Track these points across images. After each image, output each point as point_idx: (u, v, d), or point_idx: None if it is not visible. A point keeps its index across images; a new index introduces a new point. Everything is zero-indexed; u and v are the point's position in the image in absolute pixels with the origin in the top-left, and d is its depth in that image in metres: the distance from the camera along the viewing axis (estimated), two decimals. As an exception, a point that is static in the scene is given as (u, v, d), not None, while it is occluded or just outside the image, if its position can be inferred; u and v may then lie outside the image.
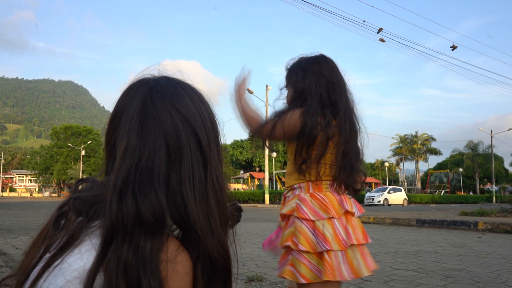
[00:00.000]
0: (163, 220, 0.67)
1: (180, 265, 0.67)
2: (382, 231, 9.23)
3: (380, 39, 17.90)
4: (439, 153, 59.20)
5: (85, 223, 0.69)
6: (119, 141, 0.74)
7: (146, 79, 0.80)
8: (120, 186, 0.68)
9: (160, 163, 0.71)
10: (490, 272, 4.44)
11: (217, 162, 0.78)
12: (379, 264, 4.88)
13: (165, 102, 0.75)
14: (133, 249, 0.64)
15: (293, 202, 1.58)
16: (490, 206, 17.31)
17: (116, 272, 0.62)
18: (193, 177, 0.73)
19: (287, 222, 1.58)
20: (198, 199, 0.72)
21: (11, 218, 13.12)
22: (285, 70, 1.73)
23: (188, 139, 0.74)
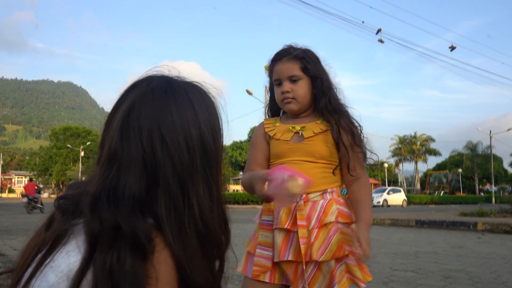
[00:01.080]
0: (138, 234, 0.65)
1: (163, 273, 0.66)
2: (381, 232, 9.22)
3: (379, 40, 17.91)
4: (438, 153, 59.21)
5: (70, 222, 0.69)
6: (106, 142, 0.74)
7: (144, 80, 0.78)
8: (96, 194, 0.69)
9: (135, 178, 0.70)
10: (490, 272, 4.43)
11: (201, 191, 0.73)
12: (379, 265, 4.88)
13: (148, 115, 0.72)
14: (117, 257, 0.64)
15: (334, 208, 1.47)
16: (490, 206, 17.31)
17: (102, 274, 0.62)
18: (169, 204, 0.70)
19: (320, 231, 1.44)
20: (174, 228, 0.70)
21: (9, 219, 13.09)
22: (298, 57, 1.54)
23: (164, 162, 0.71)
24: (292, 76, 1.53)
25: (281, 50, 1.59)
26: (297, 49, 1.57)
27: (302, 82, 1.54)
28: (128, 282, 0.62)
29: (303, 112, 1.60)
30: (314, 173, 1.48)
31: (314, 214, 1.45)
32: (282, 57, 1.56)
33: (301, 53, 1.55)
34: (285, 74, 1.54)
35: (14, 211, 19.80)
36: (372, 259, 5.33)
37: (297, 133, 1.55)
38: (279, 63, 1.56)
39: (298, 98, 1.54)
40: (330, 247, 1.42)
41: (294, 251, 1.43)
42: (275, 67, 1.57)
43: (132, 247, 0.65)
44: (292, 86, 1.54)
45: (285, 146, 1.54)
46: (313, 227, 1.43)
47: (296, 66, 1.53)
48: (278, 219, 1.47)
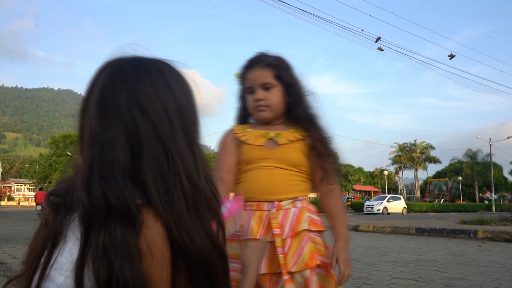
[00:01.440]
0: (129, 207, 0.67)
1: (156, 246, 0.67)
2: (381, 240, 9.20)
3: (379, 48, 17.98)
4: (438, 161, 59.22)
5: (65, 217, 0.70)
6: (85, 127, 0.75)
7: (112, 61, 0.79)
8: (87, 174, 0.70)
9: (121, 151, 0.71)
10: (490, 281, 4.42)
11: (183, 150, 0.75)
12: (379, 273, 4.87)
13: (123, 90, 0.74)
14: (108, 235, 0.65)
15: (305, 216, 1.44)
16: (490, 214, 17.28)
17: (97, 257, 0.63)
18: (154, 168, 0.72)
19: (293, 240, 1.40)
20: (161, 191, 0.71)
21: (8, 227, 13.06)
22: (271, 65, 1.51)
23: (146, 129, 0.73)
24: (265, 84, 1.50)
25: (254, 57, 1.55)
26: (270, 56, 1.54)
27: (275, 90, 1.51)
28: (120, 256, 0.63)
29: (276, 120, 1.56)
30: (285, 179, 1.46)
31: (287, 222, 1.41)
32: (255, 64, 1.52)
33: (274, 61, 1.52)
34: (258, 81, 1.51)
35: (14, 219, 19.75)
36: (373, 267, 5.32)
37: (271, 139, 1.50)
38: (251, 70, 1.53)
39: (272, 105, 1.51)
40: (303, 256, 1.38)
41: (266, 262, 1.38)
42: (248, 74, 1.54)
43: (122, 219, 0.66)
44: (265, 93, 1.50)
45: (258, 151, 1.49)
46: (286, 236, 1.39)
47: (269, 74, 1.50)
48: (248, 229, 1.40)
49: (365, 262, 5.75)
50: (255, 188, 1.46)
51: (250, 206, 1.45)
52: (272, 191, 1.45)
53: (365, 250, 7.14)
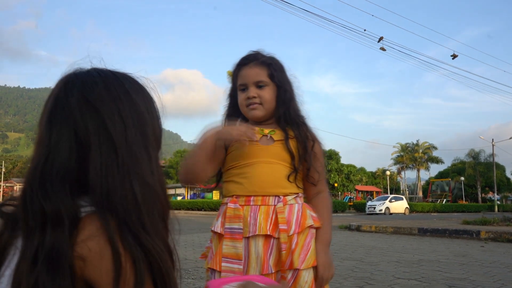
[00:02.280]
0: (61, 213, 0.64)
1: (93, 252, 0.63)
2: (384, 240, 9.19)
3: (381, 48, 17.96)
4: (441, 161, 59.12)
5: (11, 231, 0.68)
6: (37, 136, 0.74)
7: (68, 73, 0.77)
8: (27, 181, 0.68)
9: (65, 152, 0.69)
10: (494, 281, 4.41)
11: (137, 151, 0.72)
12: (382, 273, 4.86)
13: (74, 92, 0.72)
14: (41, 245, 0.62)
15: (308, 212, 1.44)
16: (492, 215, 17.23)
17: (24, 267, 0.61)
18: (101, 168, 0.68)
19: (299, 237, 1.37)
20: (106, 192, 0.67)
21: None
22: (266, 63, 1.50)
23: (96, 127, 0.70)
24: (259, 82, 1.47)
25: (248, 55, 1.52)
26: (264, 55, 1.52)
27: (268, 89, 1.48)
28: (45, 267, 0.61)
29: (267, 120, 1.53)
30: (286, 174, 1.44)
31: (293, 218, 1.38)
32: (249, 61, 1.50)
33: (269, 60, 1.50)
34: (251, 79, 1.47)
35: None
36: (375, 267, 5.31)
37: (266, 136, 1.47)
38: (245, 67, 1.50)
39: (265, 104, 1.48)
40: (311, 253, 1.37)
41: (274, 260, 1.34)
42: (241, 71, 1.50)
43: (55, 228, 0.63)
44: (258, 91, 1.47)
45: (253, 146, 1.44)
46: (294, 232, 1.36)
47: (264, 72, 1.48)
48: (256, 225, 1.35)
49: (368, 262, 5.74)
50: (260, 181, 1.41)
51: (255, 201, 1.40)
52: (277, 185, 1.42)
53: (368, 250, 7.13)
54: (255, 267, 1.34)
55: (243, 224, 1.37)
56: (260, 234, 1.35)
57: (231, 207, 1.40)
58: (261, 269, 1.33)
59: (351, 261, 5.84)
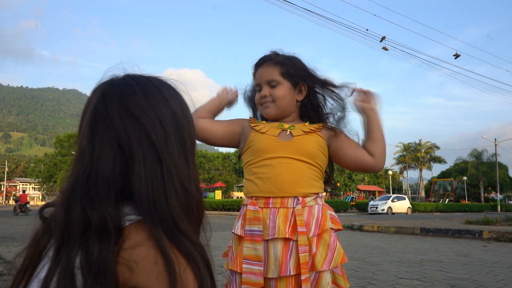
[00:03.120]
0: (107, 223, 0.65)
1: (143, 259, 0.64)
2: (386, 240, 9.18)
3: (383, 47, 17.90)
4: (443, 161, 58.93)
5: (48, 237, 0.69)
6: (76, 147, 0.75)
7: (103, 82, 0.78)
8: (68, 189, 0.69)
9: (109, 163, 0.69)
10: (496, 281, 4.40)
11: (177, 158, 0.74)
12: (384, 273, 4.86)
13: (114, 102, 0.73)
14: (84, 253, 0.63)
15: (328, 214, 1.43)
16: (495, 214, 17.22)
17: (66, 276, 0.62)
18: (146, 177, 0.70)
19: (319, 238, 1.37)
20: (153, 200, 0.69)
21: (14, 226, 13.13)
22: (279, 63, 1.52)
23: (138, 137, 0.71)
24: (271, 81, 1.50)
25: (265, 55, 1.56)
26: (280, 55, 1.54)
27: (281, 87, 1.50)
28: (93, 275, 0.61)
29: (286, 117, 1.54)
30: (307, 174, 1.43)
31: (312, 220, 1.37)
32: (264, 62, 1.54)
33: (283, 59, 1.52)
34: (264, 78, 1.52)
35: (19, 218, 19.85)
36: (377, 267, 5.30)
37: (285, 131, 1.48)
38: (260, 68, 1.54)
39: (277, 101, 1.50)
40: (338, 251, 1.37)
41: (294, 263, 1.33)
42: (257, 72, 1.56)
43: (101, 237, 0.64)
44: (270, 90, 1.50)
45: (271, 140, 1.46)
46: (313, 234, 1.35)
47: (276, 71, 1.50)
48: (275, 228, 1.35)
49: (370, 262, 5.73)
50: (278, 182, 1.40)
51: (274, 204, 1.39)
52: (296, 185, 1.40)
53: (370, 250, 7.13)
54: (273, 269, 1.33)
55: (263, 226, 1.37)
56: (279, 237, 1.34)
57: (251, 209, 1.40)
58: (279, 271, 1.32)
59: (353, 260, 5.84)
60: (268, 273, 1.33)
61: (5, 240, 8.55)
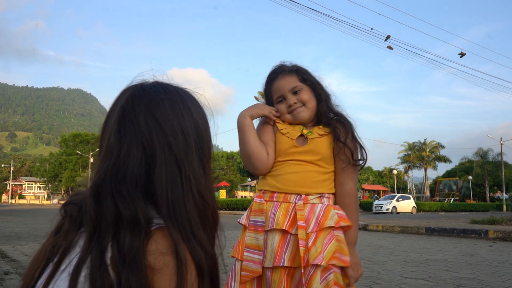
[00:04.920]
0: (138, 217, 0.69)
1: (163, 263, 0.68)
2: (391, 239, 9.15)
3: (388, 46, 17.87)
4: (448, 160, 58.73)
5: (78, 230, 0.72)
6: (102, 142, 0.79)
7: (133, 85, 0.83)
8: (98, 183, 0.72)
9: (135, 163, 0.74)
10: (502, 281, 4.37)
11: (196, 168, 0.78)
12: (389, 272, 4.84)
13: (142, 107, 0.77)
14: (116, 243, 0.66)
15: (332, 213, 1.45)
16: (501, 214, 17.14)
17: (101, 265, 0.65)
18: (167, 182, 0.74)
19: (318, 235, 1.40)
20: (172, 205, 0.73)
21: (20, 225, 13.20)
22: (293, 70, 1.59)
23: (162, 145, 0.76)
24: (294, 88, 1.56)
25: (274, 69, 1.62)
26: (287, 65, 1.61)
27: (304, 91, 1.56)
28: (127, 266, 0.64)
29: (311, 121, 1.60)
30: (314, 176, 1.49)
31: (313, 217, 1.42)
32: (278, 74, 1.59)
33: (295, 67, 1.60)
34: (286, 88, 1.56)
35: (24, 216, 19.97)
36: (382, 266, 5.29)
37: (302, 135, 1.54)
38: (276, 80, 1.59)
39: (307, 104, 1.56)
40: (328, 250, 1.39)
41: (289, 255, 1.39)
42: (274, 86, 1.59)
43: (132, 230, 0.67)
44: (296, 97, 1.55)
45: (289, 144, 1.53)
46: (312, 231, 1.40)
47: (294, 78, 1.57)
48: (274, 219, 1.42)
49: (375, 261, 5.72)
50: (284, 180, 1.48)
51: (277, 198, 1.47)
52: (300, 184, 1.47)
53: (375, 250, 7.11)
54: (269, 259, 1.40)
55: (265, 218, 1.45)
56: (277, 228, 1.41)
57: (257, 201, 1.50)
58: (273, 261, 1.39)
59: (358, 260, 5.82)
60: (264, 262, 1.41)
61: (11, 239, 8.59)
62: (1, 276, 4.38)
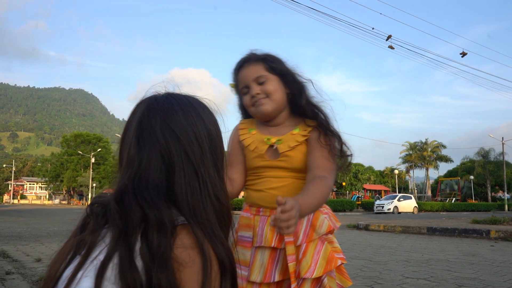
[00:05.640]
0: (163, 219, 0.73)
1: (188, 258, 0.71)
2: (392, 239, 9.15)
3: (389, 46, 17.86)
4: (450, 160, 58.62)
5: (102, 227, 0.76)
6: (123, 154, 0.85)
7: (148, 97, 0.89)
8: (121, 189, 0.78)
9: (156, 172, 0.80)
10: (504, 281, 4.37)
11: (212, 172, 0.84)
12: (390, 272, 4.84)
13: (158, 119, 0.83)
14: (144, 241, 0.71)
15: (321, 219, 1.39)
16: (502, 214, 17.12)
17: (131, 263, 0.69)
18: (186, 187, 0.80)
19: (308, 246, 1.35)
20: (193, 208, 0.79)
21: (21, 225, 13.22)
22: (260, 59, 1.46)
23: (179, 153, 0.81)
24: (259, 77, 1.43)
25: (242, 57, 1.50)
26: (257, 54, 1.48)
27: (270, 81, 1.43)
28: (157, 264, 0.68)
29: (279, 115, 1.48)
30: (294, 186, 1.41)
31: (301, 228, 1.36)
32: (244, 63, 1.47)
33: (263, 55, 1.47)
34: (250, 77, 1.44)
35: (26, 217, 19.99)
36: (384, 266, 5.28)
37: (272, 146, 1.44)
38: (242, 69, 1.47)
39: (271, 95, 1.43)
40: (320, 262, 1.33)
41: (280, 270, 1.34)
42: (239, 75, 1.48)
43: (159, 230, 0.72)
44: (261, 87, 1.43)
45: (260, 161, 1.45)
46: (301, 242, 1.34)
47: (261, 67, 1.44)
48: (262, 236, 1.37)
49: (376, 261, 5.72)
50: (266, 197, 1.42)
51: (264, 212, 1.42)
52: None
53: (376, 250, 7.10)
54: (257, 275, 1.36)
55: (253, 233, 1.41)
56: (266, 246, 1.36)
57: (244, 216, 1.46)
58: (263, 277, 1.35)
59: (359, 260, 5.83)
60: (251, 276, 1.36)
61: (12, 239, 8.60)
62: (2, 276, 4.38)
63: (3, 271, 4.63)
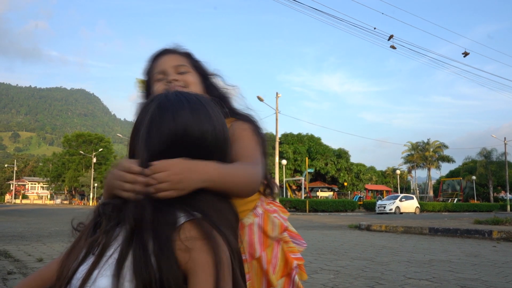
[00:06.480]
0: (175, 218, 0.78)
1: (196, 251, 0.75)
2: (394, 240, 9.13)
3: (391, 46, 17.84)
4: (452, 160, 58.49)
5: (114, 227, 0.80)
6: (136, 147, 0.89)
7: (159, 95, 0.93)
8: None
9: None
10: (506, 282, 4.35)
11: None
12: (392, 273, 4.83)
13: (167, 115, 0.87)
14: (155, 239, 0.75)
15: (271, 219, 1.26)
16: (505, 214, 17.09)
17: (141, 254, 0.73)
18: None
19: (266, 252, 1.23)
20: (201, 204, 0.83)
21: (23, 225, 13.24)
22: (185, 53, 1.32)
23: (187, 150, 0.86)
24: (181, 66, 1.27)
25: (164, 48, 1.33)
26: (182, 47, 1.34)
27: (191, 75, 1.28)
28: (166, 256, 0.73)
29: None
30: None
31: (255, 238, 1.22)
32: (167, 52, 1.31)
33: (188, 52, 1.33)
34: (171, 63, 1.27)
35: (28, 216, 20.02)
36: (386, 267, 5.27)
37: None
38: (163, 56, 1.30)
39: (190, 87, 1.24)
40: (278, 266, 1.23)
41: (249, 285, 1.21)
42: (157, 61, 1.30)
43: (168, 227, 0.76)
44: (180, 76, 1.26)
45: None
46: (260, 253, 1.21)
47: (184, 60, 1.30)
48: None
49: (378, 262, 5.70)
50: None
51: None
52: None
53: (378, 250, 7.09)
54: None
55: None
56: None
57: None
58: None
59: (361, 260, 5.81)
60: None
61: (14, 239, 8.61)
62: (4, 276, 4.38)
63: (5, 271, 4.63)
